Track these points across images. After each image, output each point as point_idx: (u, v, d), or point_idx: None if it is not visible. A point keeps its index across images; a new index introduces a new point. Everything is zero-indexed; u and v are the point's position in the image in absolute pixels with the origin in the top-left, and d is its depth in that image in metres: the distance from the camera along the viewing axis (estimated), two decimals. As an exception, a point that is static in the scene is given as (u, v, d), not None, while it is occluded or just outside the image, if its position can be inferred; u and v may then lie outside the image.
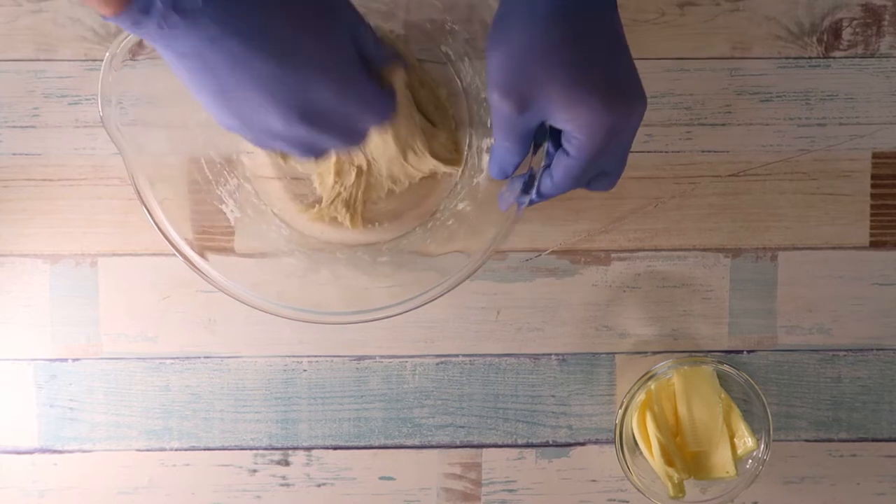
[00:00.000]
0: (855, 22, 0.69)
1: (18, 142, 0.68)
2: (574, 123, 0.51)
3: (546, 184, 0.56)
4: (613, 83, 0.51)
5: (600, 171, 0.55)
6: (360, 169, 0.66)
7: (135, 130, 0.60)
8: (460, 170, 0.67)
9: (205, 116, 0.66)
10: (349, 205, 0.67)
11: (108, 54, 0.57)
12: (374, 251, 0.68)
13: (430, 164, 0.65)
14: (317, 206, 0.67)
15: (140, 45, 0.58)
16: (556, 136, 0.54)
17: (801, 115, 0.69)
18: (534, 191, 0.56)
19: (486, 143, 0.66)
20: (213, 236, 0.66)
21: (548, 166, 0.55)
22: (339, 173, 0.66)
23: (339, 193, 0.67)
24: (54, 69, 0.68)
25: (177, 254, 0.59)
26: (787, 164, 0.69)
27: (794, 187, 0.69)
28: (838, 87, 0.69)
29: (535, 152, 0.55)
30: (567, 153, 0.53)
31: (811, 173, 0.69)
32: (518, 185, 0.56)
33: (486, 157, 0.66)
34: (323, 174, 0.67)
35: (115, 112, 0.58)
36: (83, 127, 0.68)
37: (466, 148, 0.67)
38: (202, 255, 0.61)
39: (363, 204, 0.67)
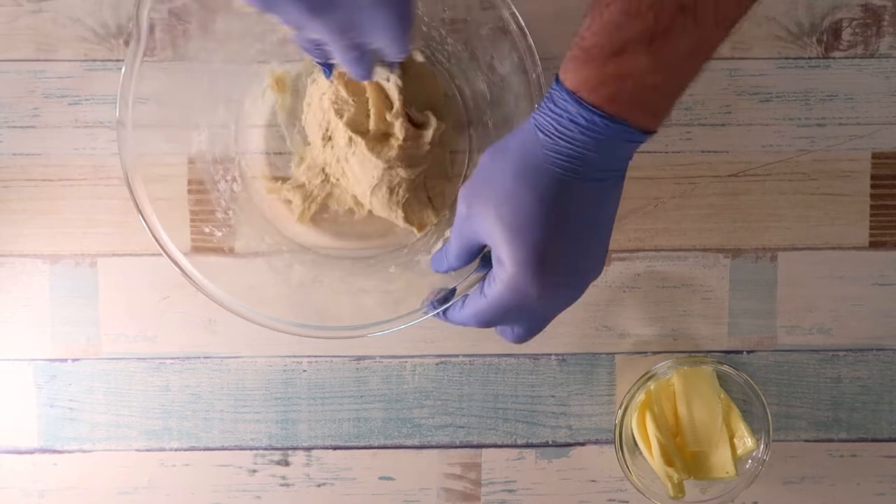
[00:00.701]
0: (855, 22, 0.69)
1: (18, 142, 0.68)
2: (499, 267, 0.50)
3: (454, 310, 0.56)
4: (555, 262, 0.49)
5: (514, 323, 0.54)
6: (327, 176, 0.67)
7: (135, 130, 0.61)
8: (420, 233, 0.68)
9: (205, 117, 0.67)
10: (306, 198, 0.67)
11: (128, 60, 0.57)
12: (374, 261, 0.68)
13: (392, 215, 0.66)
14: (280, 182, 0.68)
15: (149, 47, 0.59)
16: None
17: (801, 115, 0.69)
18: (441, 309, 0.56)
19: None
20: (213, 236, 0.66)
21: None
22: (310, 167, 0.66)
23: (303, 184, 0.67)
24: (54, 69, 0.68)
25: (164, 255, 0.59)
26: (787, 165, 0.69)
27: (794, 187, 0.69)
28: (838, 88, 0.69)
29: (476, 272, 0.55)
30: (482, 292, 0.52)
31: (811, 173, 0.69)
32: (437, 294, 0.57)
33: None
34: (304, 157, 0.67)
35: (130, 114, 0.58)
36: (83, 127, 0.68)
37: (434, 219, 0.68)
38: (199, 256, 0.61)
39: (319, 206, 0.68)
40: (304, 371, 0.69)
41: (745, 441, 0.67)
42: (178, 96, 0.65)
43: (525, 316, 0.53)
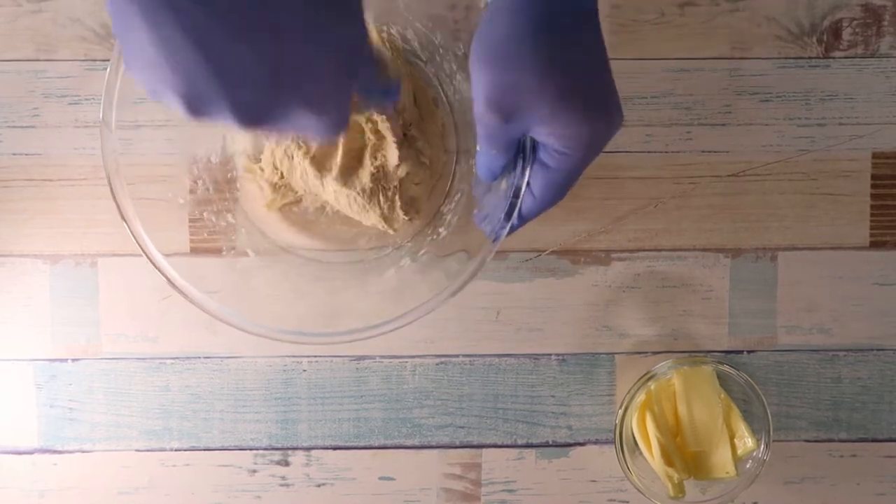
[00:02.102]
0: (855, 22, 0.69)
1: (18, 142, 0.68)
2: (557, 136, 0.51)
3: (528, 202, 0.56)
4: (594, 97, 0.51)
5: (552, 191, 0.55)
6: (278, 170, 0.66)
7: (135, 130, 0.61)
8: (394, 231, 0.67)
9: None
10: (276, 189, 0.66)
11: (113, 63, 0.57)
12: (392, 259, 0.68)
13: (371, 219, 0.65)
14: (259, 165, 0.67)
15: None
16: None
17: (801, 115, 0.69)
18: (515, 215, 0.56)
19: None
20: (211, 237, 0.66)
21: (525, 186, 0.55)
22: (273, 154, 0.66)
23: (277, 176, 0.66)
24: (54, 69, 0.68)
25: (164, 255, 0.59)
26: (787, 165, 0.69)
27: (794, 187, 0.69)
28: (838, 87, 0.69)
29: (523, 169, 0.55)
30: (548, 166, 0.53)
31: (811, 173, 0.69)
32: (499, 211, 0.56)
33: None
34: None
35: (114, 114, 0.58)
36: (83, 127, 0.68)
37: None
38: (195, 258, 0.61)
39: (291, 200, 0.67)
40: (304, 371, 0.69)
41: (746, 441, 0.67)
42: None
43: (597, 155, 0.54)
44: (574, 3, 0.50)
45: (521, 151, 0.54)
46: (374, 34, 0.64)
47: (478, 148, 0.55)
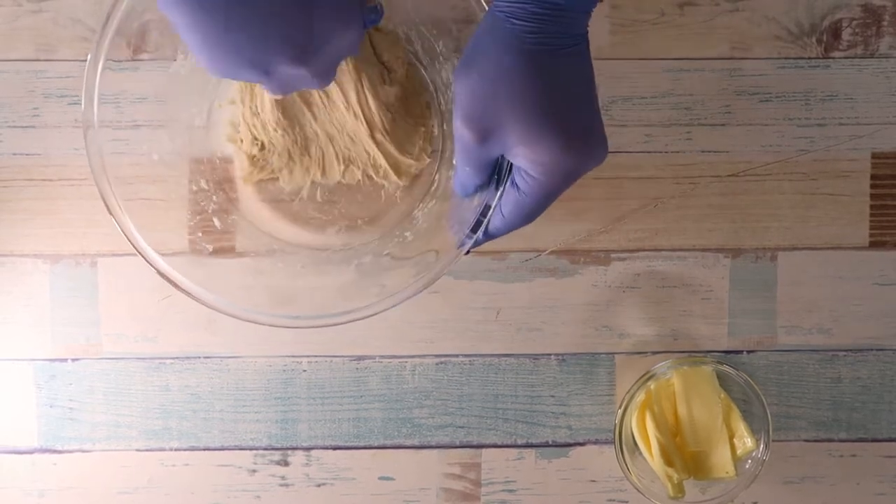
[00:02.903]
0: (854, 22, 0.69)
1: (18, 142, 0.68)
2: (531, 162, 0.51)
3: (496, 221, 0.56)
4: (576, 127, 0.51)
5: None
6: (258, 141, 0.66)
7: (134, 130, 0.61)
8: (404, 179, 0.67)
9: (204, 117, 0.67)
10: (254, 162, 0.66)
11: (90, 56, 0.58)
12: (356, 253, 0.68)
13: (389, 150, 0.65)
14: (240, 138, 0.67)
15: (141, 41, 0.59)
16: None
17: (801, 115, 0.69)
18: (481, 231, 0.57)
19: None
20: (212, 237, 0.66)
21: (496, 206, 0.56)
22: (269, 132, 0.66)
23: (259, 146, 0.66)
24: (54, 69, 0.68)
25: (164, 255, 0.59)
26: (786, 165, 0.69)
27: (793, 187, 0.69)
28: (838, 88, 0.69)
29: (497, 186, 0.55)
30: (519, 189, 0.53)
31: (811, 173, 0.69)
32: (467, 224, 0.57)
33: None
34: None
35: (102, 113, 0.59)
36: (81, 128, 0.68)
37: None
38: (194, 257, 0.61)
39: (258, 171, 0.67)
40: (304, 371, 0.69)
41: (745, 441, 0.67)
42: (178, 95, 0.65)
43: (568, 187, 0.54)
44: (563, 27, 0.50)
45: (497, 170, 0.55)
46: None
47: (454, 162, 0.55)
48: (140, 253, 0.59)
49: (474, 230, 0.57)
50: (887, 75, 0.69)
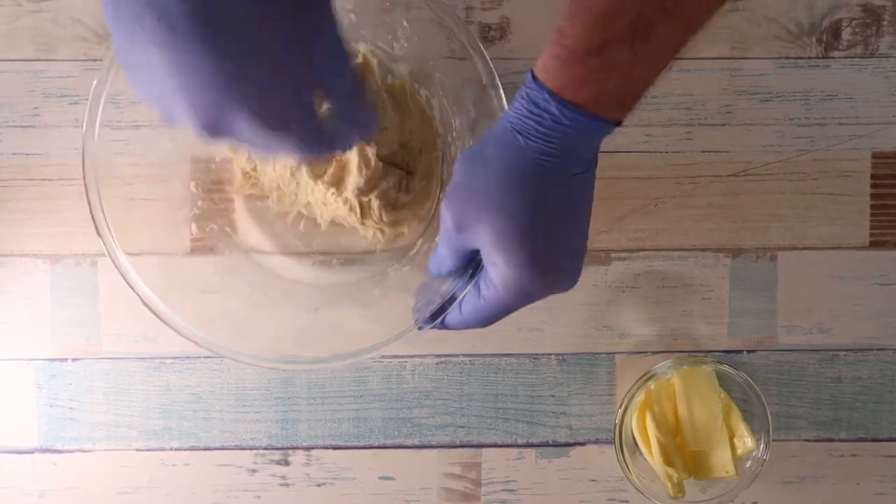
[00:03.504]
0: (854, 22, 0.69)
1: (18, 142, 0.68)
2: (496, 271, 0.51)
3: (454, 314, 0.56)
4: (549, 255, 0.50)
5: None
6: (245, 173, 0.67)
7: (134, 130, 0.61)
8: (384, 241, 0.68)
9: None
10: (248, 177, 0.67)
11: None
12: (355, 287, 0.68)
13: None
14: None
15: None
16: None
17: (801, 115, 0.69)
18: (438, 321, 0.57)
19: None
20: (209, 239, 0.66)
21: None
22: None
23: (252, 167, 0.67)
24: (54, 69, 0.68)
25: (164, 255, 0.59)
26: (787, 164, 0.69)
27: (794, 187, 0.69)
28: (838, 87, 0.69)
29: (466, 282, 0.55)
30: (480, 294, 0.53)
31: (811, 173, 0.69)
32: (430, 306, 0.57)
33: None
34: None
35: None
36: (83, 126, 0.68)
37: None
38: (195, 256, 0.61)
39: (250, 186, 0.67)
40: (304, 371, 0.69)
41: (745, 441, 0.67)
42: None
43: (527, 305, 0.53)
44: (571, 151, 0.49)
45: (470, 265, 0.55)
46: (364, 58, 0.64)
47: (437, 240, 0.55)
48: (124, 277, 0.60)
49: (433, 317, 0.57)
50: (887, 75, 0.69)
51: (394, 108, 0.65)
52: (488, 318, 0.54)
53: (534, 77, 0.49)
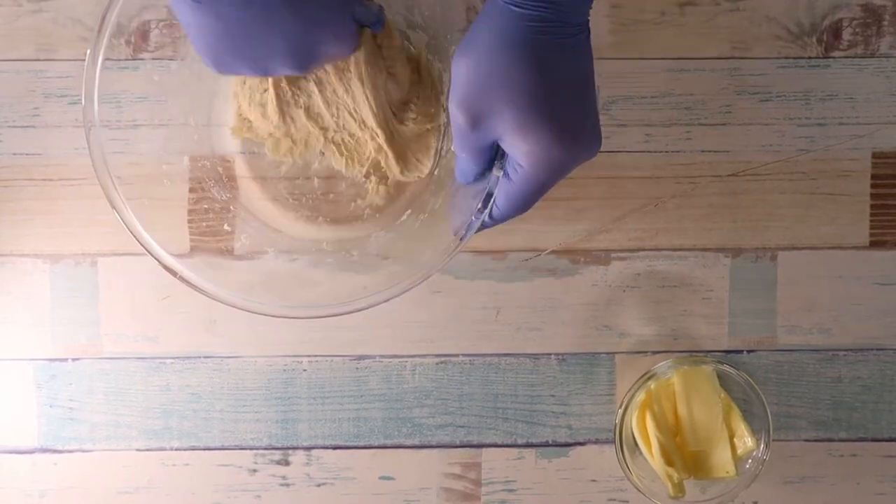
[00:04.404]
0: (855, 22, 0.69)
1: (18, 142, 0.68)
2: (521, 152, 0.51)
3: (494, 208, 0.56)
4: (568, 120, 0.51)
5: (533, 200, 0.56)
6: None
7: (134, 130, 0.61)
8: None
9: (202, 114, 0.67)
10: (242, 119, 0.66)
11: (89, 52, 0.58)
12: (358, 246, 0.67)
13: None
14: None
15: (142, 40, 0.59)
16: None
17: (801, 114, 0.69)
18: (486, 213, 0.56)
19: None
20: (211, 237, 0.66)
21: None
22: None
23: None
24: (54, 69, 0.68)
25: (148, 254, 0.60)
26: (786, 164, 0.69)
27: (793, 187, 0.69)
28: (838, 87, 0.69)
29: (498, 170, 0.55)
30: (510, 179, 0.53)
31: (811, 173, 0.69)
32: (467, 212, 0.57)
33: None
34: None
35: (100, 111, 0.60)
36: (83, 126, 0.68)
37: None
38: (198, 256, 0.61)
39: (246, 129, 0.66)
40: (304, 371, 0.69)
41: (745, 441, 0.67)
42: (178, 95, 0.65)
43: (552, 186, 0.54)
44: (563, 16, 0.50)
45: (493, 161, 0.55)
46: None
47: (452, 148, 0.55)
48: (145, 248, 0.60)
49: (480, 211, 0.56)
50: (887, 75, 0.69)
51: (407, 69, 0.65)
52: (524, 203, 0.54)
53: None
